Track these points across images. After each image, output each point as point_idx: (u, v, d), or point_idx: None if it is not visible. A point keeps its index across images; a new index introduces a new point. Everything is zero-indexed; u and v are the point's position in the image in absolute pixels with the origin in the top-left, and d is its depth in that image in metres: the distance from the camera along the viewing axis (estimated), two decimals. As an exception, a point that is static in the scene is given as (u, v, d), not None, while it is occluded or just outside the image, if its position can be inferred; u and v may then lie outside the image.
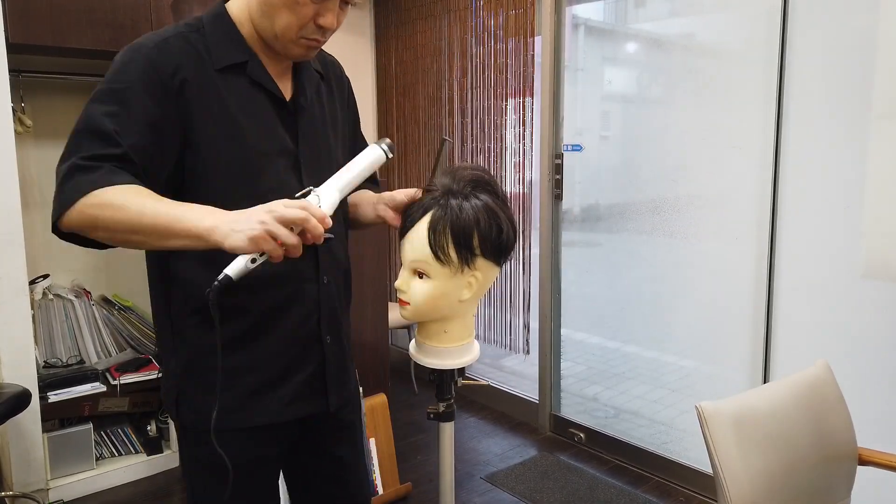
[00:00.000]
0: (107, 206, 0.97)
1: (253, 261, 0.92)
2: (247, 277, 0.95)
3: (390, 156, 1.09)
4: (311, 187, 1.01)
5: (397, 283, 1.07)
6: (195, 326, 1.15)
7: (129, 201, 0.97)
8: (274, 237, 0.90)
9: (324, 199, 1.00)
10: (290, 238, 0.91)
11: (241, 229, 0.90)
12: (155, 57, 1.05)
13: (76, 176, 1.02)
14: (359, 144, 1.36)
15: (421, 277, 1.04)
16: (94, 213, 0.98)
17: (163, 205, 0.97)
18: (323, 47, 1.18)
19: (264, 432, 1.17)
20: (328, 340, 1.21)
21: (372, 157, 1.07)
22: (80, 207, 0.99)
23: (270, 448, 1.21)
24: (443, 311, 1.07)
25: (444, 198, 1.03)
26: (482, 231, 1.02)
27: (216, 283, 0.92)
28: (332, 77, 1.29)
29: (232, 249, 0.91)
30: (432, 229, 1.01)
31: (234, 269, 0.93)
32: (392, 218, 1.16)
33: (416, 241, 1.03)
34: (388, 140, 1.10)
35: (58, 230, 1.04)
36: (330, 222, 0.95)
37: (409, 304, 1.05)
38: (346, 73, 1.38)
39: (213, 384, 1.07)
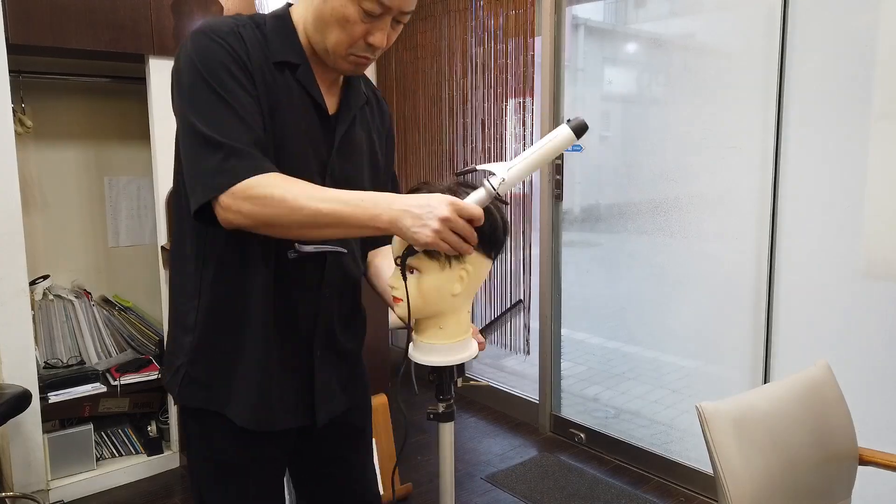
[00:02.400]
0: (282, 201, 0.98)
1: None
2: (246, 280, 1.08)
3: (577, 134, 0.97)
4: (491, 171, 0.96)
5: (389, 280, 1.08)
6: (206, 311, 1.15)
7: (297, 193, 0.98)
8: (444, 242, 0.94)
9: (502, 175, 0.95)
10: (460, 245, 0.95)
11: (422, 226, 0.93)
12: (233, 42, 1.06)
13: (229, 167, 1.00)
14: (389, 181, 1.36)
15: (411, 273, 1.04)
16: (269, 210, 0.98)
17: (337, 198, 0.98)
18: None
19: (260, 435, 1.17)
20: (318, 354, 1.20)
21: (558, 137, 0.97)
22: (249, 206, 0.99)
23: (269, 450, 1.21)
24: (436, 306, 1.07)
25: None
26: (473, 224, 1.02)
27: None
28: (376, 106, 1.30)
29: (412, 242, 0.97)
30: None
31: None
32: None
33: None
34: (579, 117, 0.97)
35: (203, 211, 1.02)
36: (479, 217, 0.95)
37: (401, 300, 1.06)
38: None
39: (219, 370, 1.13)
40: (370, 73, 3.80)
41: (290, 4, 1.16)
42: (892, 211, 1.97)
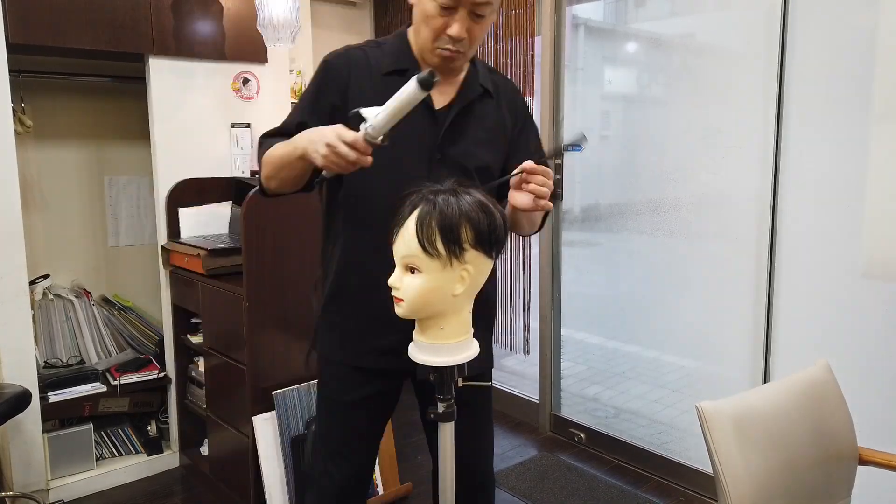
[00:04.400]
0: (270, 164, 1.32)
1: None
2: (361, 250, 1.34)
3: (423, 87, 1.03)
4: (363, 116, 1.14)
5: (390, 281, 1.08)
6: (334, 278, 1.40)
7: (273, 150, 1.31)
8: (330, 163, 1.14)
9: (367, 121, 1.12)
10: (345, 166, 1.14)
11: (314, 151, 1.16)
12: (332, 61, 1.35)
13: (263, 146, 1.37)
14: (535, 155, 1.41)
15: (413, 273, 1.05)
16: (266, 169, 1.34)
17: (284, 144, 1.28)
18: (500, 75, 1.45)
19: (369, 374, 1.39)
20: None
21: (406, 89, 1.05)
22: (264, 169, 1.35)
23: (375, 387, 1.41)
24: (437, 306, 1.07)
25: (433, 195, 1.04)
26: (473, 223, 1.03)
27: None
28: (504, 98, 1.43)
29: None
30: (420, 223, 1.03)
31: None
32: (522, 202, 1.23)
33: (406, 236, 1.04)
34: (426, 72, 1.03)
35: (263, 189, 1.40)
36: (366, 161, 1.14)
37: (402, 300, 1.06)
38: None
39: (336, 322, 1.39)
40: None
41: (410, 24, 1.35)
42: (892, 211, 1.97)
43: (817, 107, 2.13)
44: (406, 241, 1.04)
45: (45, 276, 2.68)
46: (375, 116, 1.10)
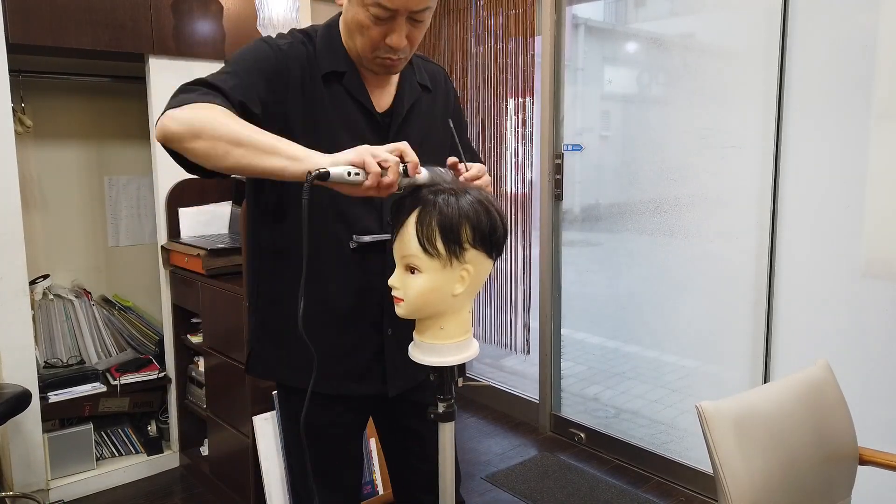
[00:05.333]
0: (215, 116, 1.02)
1: (349, 174, 0.98)
2: (321, 268, 1.21)
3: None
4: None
5: (391, 281, 1.07)
6: (270, 283, 1.30)
7: (234, 118, 1.04)
8: (373, 156, 0.98)
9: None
10: (391, 158, 0.99)
11: (341, 154, 1.00)
12: (279, 50, 1.17)
13: (184, 93, 1.08)
14: (464, 151, 1.35)
15: (413, 273, 1.04)
16: (201, 118, 1.02)
17: (263, 131, 1.04)
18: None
19: (336, 402, 1.31)
20: (389, 332, 1.29)
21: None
22: (187, 112, 1.02)
23: (345, 416, 1.34)
24: (437, 306, 1.07)
25: (432, 195, 1.04)
26: (473, 223, 1.02)
27: (314, 171, 0.96)
28: (439, 88, 1.37)
29: (333, 163, 0.98)
30: (420, 223, 1.02)
31: (334, 169, 0.97)
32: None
33: (406, 236, 1.04)
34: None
35: (162, 139, 1.07)
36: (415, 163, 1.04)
37: (402, 300, 1.06)
38: None
39: (281, 342, 1.29)
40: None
41: (339, 14, 1.24)
42: (892, 211, 1.97)
43: (817, 107, 2.13)
44: (406, 240, 1.04)
45: (45, 277, 2.68)
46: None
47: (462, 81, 3.32)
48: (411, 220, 1.03)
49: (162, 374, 2.69)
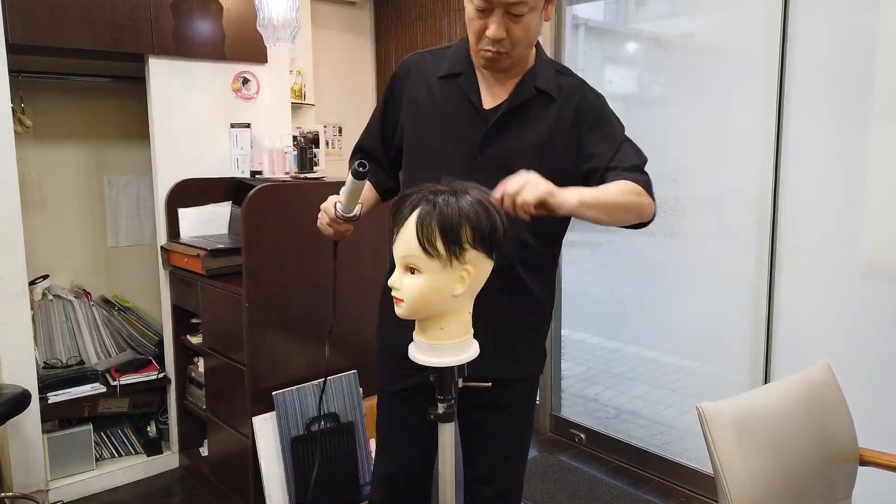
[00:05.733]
0: None
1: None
2: None
3: (355, 177, 1.23)
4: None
5: (391, 281, 1.07)
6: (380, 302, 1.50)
7: None
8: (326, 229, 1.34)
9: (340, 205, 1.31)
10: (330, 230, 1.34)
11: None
12: (398, 66, 1.45)
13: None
14: (613, 156, 1.40)
15: (413, 273, 1.04)
16: None
17: None
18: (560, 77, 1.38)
19: (408, 396, 1.42)
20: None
21: (348, 180, 1.25)
22: None
23: (415, 379, 1.39)
24: (437, 306, 1.07)
25: (432, 195, 1.04)
26: (473, 223, 1.02)
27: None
28: (569, 99, 1.36)
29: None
30: (420, 223, 1.02)
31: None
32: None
33: (406, 236, 1.04)
34: (355, 164, 1.22)
35: None
36: (343, 228, 1.33)
37: (402, 300, 1.05)
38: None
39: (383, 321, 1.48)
40: (370, 72, 3.80)
41: None
42: (892, 211, 1.97)
43: (818, 106, 2.13)
44: (406, 241, 1.04)
45: (45, 277, 2.68)
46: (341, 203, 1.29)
47: (462, 82, 3.31)
48: (411, 221, 1.03)
49: (161, 375, 2.69)
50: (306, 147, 2.91)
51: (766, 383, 2.30)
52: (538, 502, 2.47)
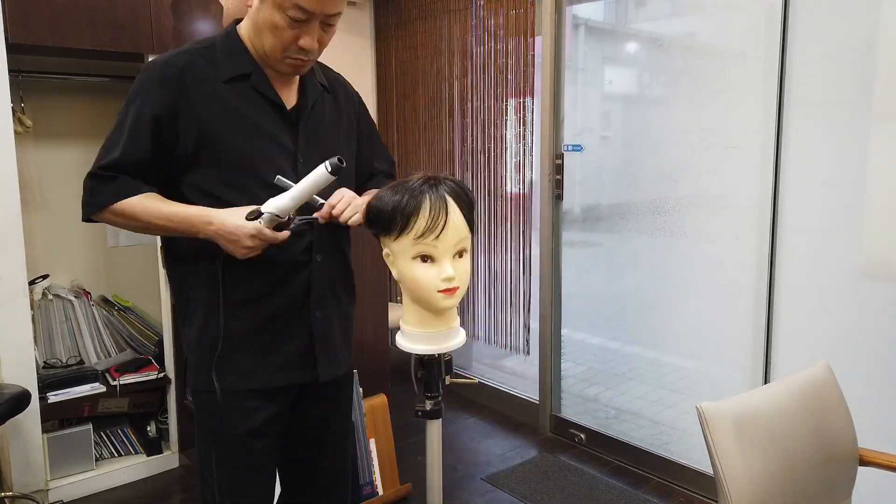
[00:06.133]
0: (128, 217, 1.24)
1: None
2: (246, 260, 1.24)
3: (332, 173, 1.18)
4: (259, 208, 1.20)
5: (447, 274, 1.07)
6: (207, 296, 1.29)
7: (143, 211, 1.23)
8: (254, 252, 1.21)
9: (270, 210, 1.20)
10: (259, 249, 1.21)
11: (232, 251, 1.21)
12: (162, 69, 1.23)
13: (98, 185, 1.26)
14: (376, 155, 1.52)
15: (461, 257, 1.07)
16: (119, 220, 1.26)
17: (169, 210, 1.23)
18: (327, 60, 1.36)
19: (258, 399, 1.30)
20: (318, 315, 1.32)
21: (316, 174, 1.19)
22: (106, 215, 1.26)
23: (265, 415, 1.31)
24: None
25: (434, 182, 1.09)
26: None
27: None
28: (340, 91, 1.43)
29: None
30: (460, 206, 1.08)
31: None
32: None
33: (456, 224, 1.06)
34: (335, 159, 1.17)
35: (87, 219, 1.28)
36: (283, 236, 1.21)
37: (458, 287, 1.08)
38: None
39: (216, 349, 1.27)
40: (370, 72, 3.80)
41: (238, 21, 1.30)
42: (892, 211, 1.97)
43: (818, 107, 2.13)
44: (458, 227, 1.06)
45: (45, 277, 2.68)
46: (278, 205, 1.20)
47: (462, 81, 3.32)
48: (453, 209, 1.06)
49: (161, 375, 2.68)
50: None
51: (766, 383, 2.30)
52: (538, 502, 2.47)
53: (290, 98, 1.31)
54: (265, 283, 1.27)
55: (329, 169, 1.16)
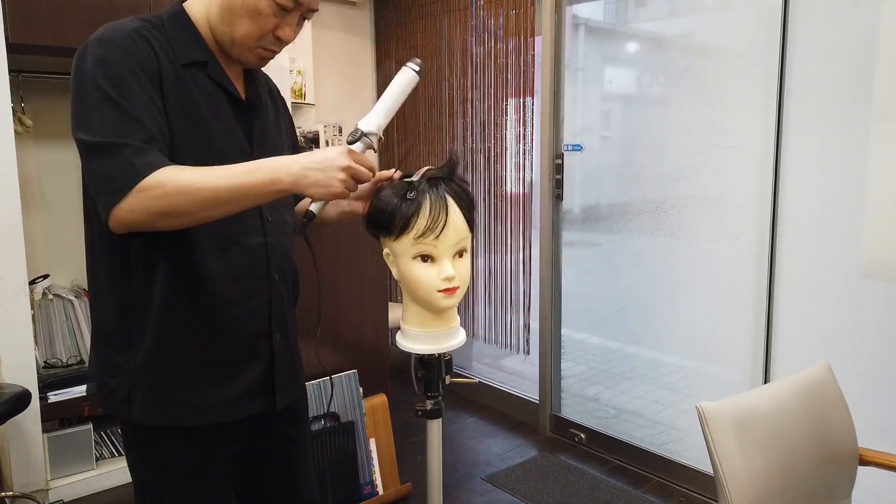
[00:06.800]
0: (182, 186, 0.98)
1: (325, 203, 1.08)
2: (201, 273, 1.08)
3: (419, 74, 1.12)
4: (358, 125, 1.08)
5: (448, 274, 1.06)
6: (158, 318, 1.10)
7: (199, 174, 0.99)
8: (349, 189, 1.03)
9: (371, 128, 1.08)
10: (353, 186, 1.04)
11: (323, 185, 1.01)
12: (131, 47, 1.09)
13: (127, 157, 0.99)
14: (294, 146, 1.42)
15: (461, 257, 1.07)
16: (159, 201, 0.97)
17: (232, 172, 1.00)
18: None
19: (214, 433, 1.16)
20: (277, 339, 1.22)
21: (405, 77, 1.09)
22: (142, 196, 0.97)
23: (220, 447, 1.20)
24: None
25: (435, 181, 1.07)
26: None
27: (305, 219, 1.06)
28: (271, 84, 1.36)
29: (314, 198, 1.05)
30: (459, 206, 1.07)
31: (315, 207, 1.06)
32: (363, 208, 1.19)
33: (456, 223, 1.06)
34: (417, 59, 1.12)
35: (112, 222, 1.00)
36: (373, 164, 1.07)
37: (458, 287, 1.08)
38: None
39: (168, 380, 1.11)
40: (370, 72, 3.80)
41: (182, 0, 1.18)
42: (892, 211, 1.97)
43: (818, 106, 2.13)
44: (458, 227, 1.06)
45: (45, 276, 2.68)
46: (375, 121, 1.08)
47: (462, 81, 3.32)
48: (454, 209, 1.06)
49: (162, 375, 2.68)
50: (306, 147, 2.92)
51: (765, 383, 2.30)
52: (538, 502, 2.47)
53: (240, 88, 1.21)
54: (222, 304, 1.13)
55: (416, 69, 1.10)
